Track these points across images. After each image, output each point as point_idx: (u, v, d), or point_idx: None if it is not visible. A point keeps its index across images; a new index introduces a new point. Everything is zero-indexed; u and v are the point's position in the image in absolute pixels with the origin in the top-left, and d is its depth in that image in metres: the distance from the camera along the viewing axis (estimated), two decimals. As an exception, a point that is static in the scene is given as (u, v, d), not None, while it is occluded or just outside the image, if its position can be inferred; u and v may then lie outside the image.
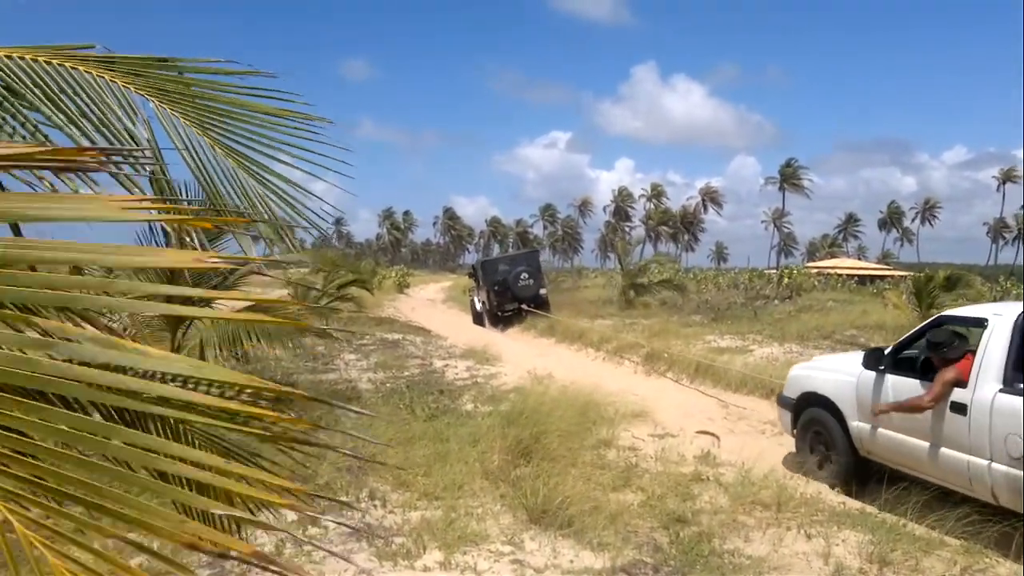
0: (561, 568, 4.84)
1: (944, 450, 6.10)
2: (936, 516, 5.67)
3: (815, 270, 47.52)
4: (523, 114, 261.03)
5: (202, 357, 7.93)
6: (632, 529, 5.51)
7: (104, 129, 1.86)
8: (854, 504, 6.38)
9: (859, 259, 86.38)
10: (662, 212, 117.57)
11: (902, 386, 6.57)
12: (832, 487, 6.89)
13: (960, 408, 5.95)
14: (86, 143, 1.81)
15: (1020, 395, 5.56)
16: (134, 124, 1.90)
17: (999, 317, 6.11)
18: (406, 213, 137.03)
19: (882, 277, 53.05)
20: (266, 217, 2.05)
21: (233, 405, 2.54)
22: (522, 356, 15.13)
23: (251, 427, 2.50)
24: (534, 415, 7.69)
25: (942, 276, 19.17)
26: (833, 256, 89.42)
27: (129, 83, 1.97)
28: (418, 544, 5.06)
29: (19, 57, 1.89)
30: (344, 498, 5.97)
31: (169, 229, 1.92)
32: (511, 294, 23.81)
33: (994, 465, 5.63)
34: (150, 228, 7.72)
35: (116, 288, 1.28)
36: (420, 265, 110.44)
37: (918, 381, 6.42)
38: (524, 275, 23.83)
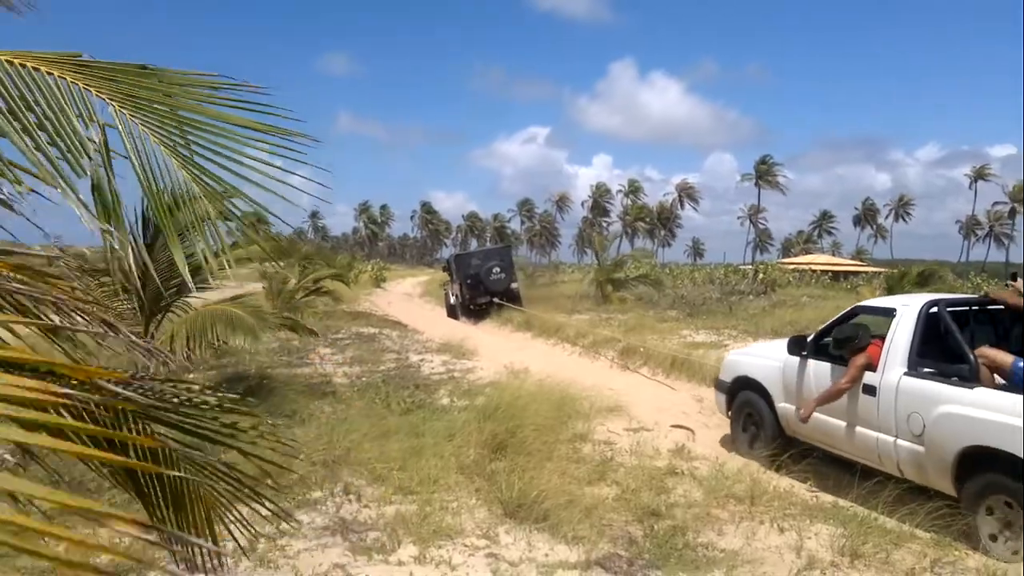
0: (536, 562, 4.85)
1: (857, 428, 6.65)
2: (907, 510, 5.74)
3: (790, 266, 47.89)
4: (502, 110, 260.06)
5: (171, 349, 7.86)
6: (607, 523, 5.53)
7: (59, 140, 1.83)
8: (826, 498, 6.44)
9: (833, 255, 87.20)
10: (639, 208, 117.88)
11: (822, 370, 7.14)
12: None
13: (870, 390, 6.51)
14: (40, 156, 1.78)
15: (922, 378, 6.13)
16: (88, 127, 1.86)
17: (906, 307, 6.67)
18: (383, 207, 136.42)
19: (856, 273, 53.62)
20: (208, 239, 2.03)
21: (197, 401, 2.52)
22: (499, 351, 15.11)
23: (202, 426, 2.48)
24: (510, 409, 7.68)
25: (915, 272, 19.47)
26: (808, 252, 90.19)
27: (92, 86, 1.93)
28: (393, 538, 5.05)
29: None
30: (318, 493, 5.95)
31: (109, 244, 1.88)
32: (483, 288, 24.42)
33: (899, 441, 6.20)
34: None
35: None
36: (397, 259, 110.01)
37: (836, 365, 6.97)
38: (496, 269, 24.48)
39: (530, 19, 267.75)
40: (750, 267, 42.26)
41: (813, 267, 48.81)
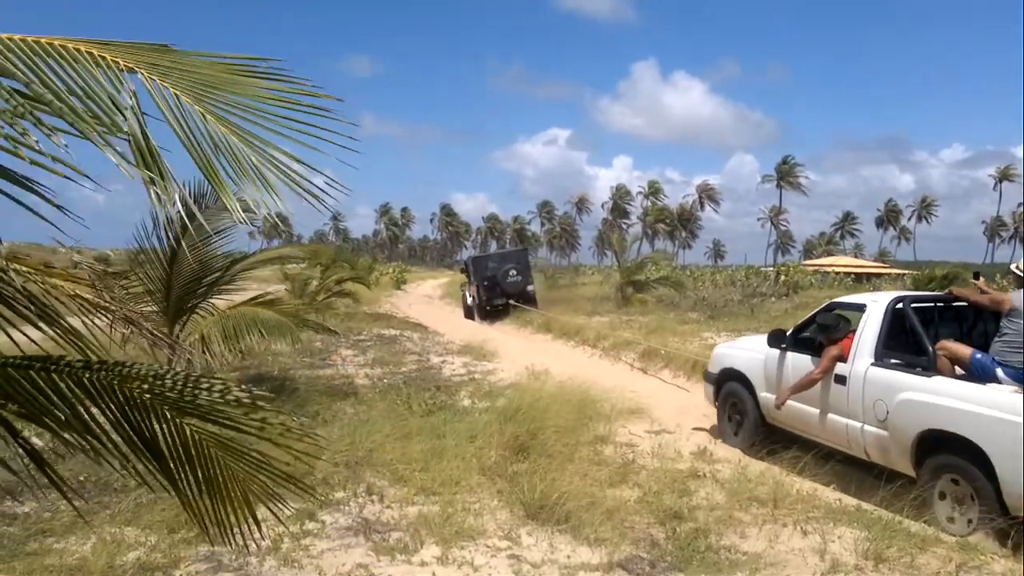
0: (558, 563, 4.86)
1: (829, 415, 7.22)
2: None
3: (812, 268, 47.54)
4: (523, 111, 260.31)
5: (204, 350, 7.94)
6: (629, 525, 5.52)
7: (89, 101, 1.85)
8: (850, 501, 6.40)
9: (856, 257, 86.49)
10: (659, 209, 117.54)
11: (799, 362, 7.70)
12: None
13: (841, 380, 7.06)
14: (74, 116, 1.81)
15: (887, 368, 6.68)
16: (119, 92, 1.89)
17: (875, 303, 7.21)
18: (404, 209, 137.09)
19: (879, 275, 53.16)
20: (260, 188, 2.00)
21: (230, 407, 2.56)
22: (519, 352, 15.13)
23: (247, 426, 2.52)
24: (531, 411, 7.69)
25: (939, 274, 19.24)
26: (830, 254, 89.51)
27: (119, 58, 1.96)
28: (415, 539, 5.08)
29: (7, 39, 1.90)
30: (341, 493, 5.99)
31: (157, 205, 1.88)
32: (500, 290, 24.90)
33: (866, 427, 6.75)
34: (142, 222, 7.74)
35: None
36: (417, 261, 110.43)
37: (812, 357, 7.52)
38: (513, 272, 24.98)
39: (553, 19, 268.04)
40: (772, 269, 41.98)
41: (835, 269, 48.46)
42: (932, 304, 7.50)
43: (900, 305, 7.01)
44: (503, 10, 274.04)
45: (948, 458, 5.94)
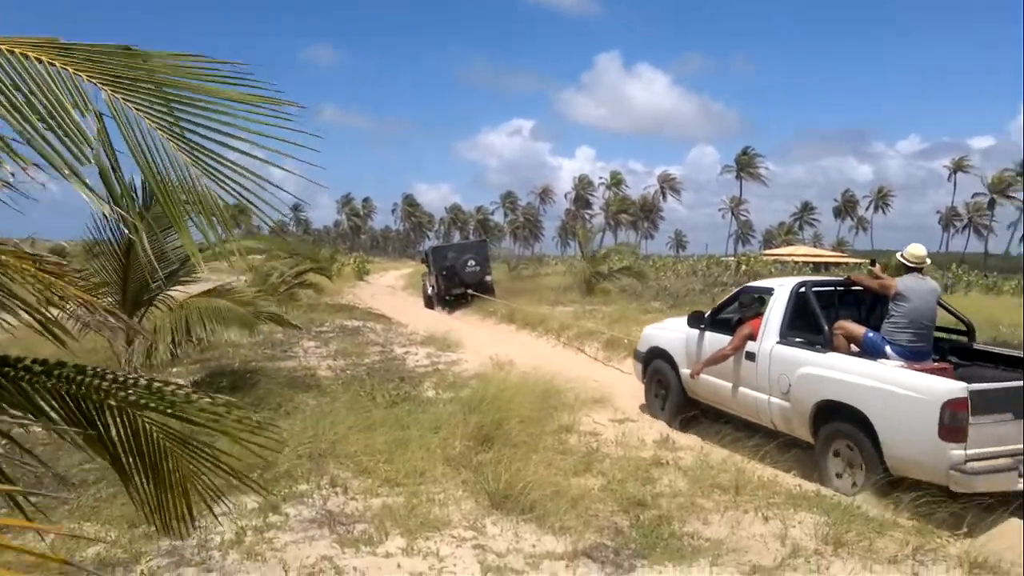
0: (523, 552, 4.87)
1: (741, 389, 7.95)
2: (890, 498, 5.86)
3: (771, 257, 48.20)
4: (488, 102, 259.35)
5: (158, 343, 7.81)
6: (593, 513, 5.55)
7: (51, 121, 1.81)
8: (810, 487, 6.50)
9: (815, 246, 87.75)
10: (621, 200, 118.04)
11: (716, 340, 8.37)
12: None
13: (751, 356, 7.78)
14: (43, 145, 1.76)
15: (790, 346, 7.40)
16: (84, 115, 1.84)
17: (781, 287, 7.95)
18: (365, 200, 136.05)
19: (837, 264, 54.01)
20: (214, 210, 2.00)
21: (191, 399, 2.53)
22: (483, 343, 15.12)
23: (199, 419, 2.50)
24: (495, 401, 7.69)
25: (895, 264, 19.51)
26: (789, 244, 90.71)
27: (82, 71, 1.90)
28: (380, 530, 5.06)
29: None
30: (304, 486, 5.94)
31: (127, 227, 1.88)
32: (459, 279, 25.47)
33: (772, 399, 7.47)
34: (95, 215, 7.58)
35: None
36: (380, 252, 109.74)
37: (727, 336, 8.18)
38: (471, 262, 25.56)
39: (519, 10, 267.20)
40: (732, 259, 42.45)
41: (795, 258, 49.12)
42: (833, 289, 8.20)
43: (803, 289, 7.71)
44: (469, 0, 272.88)
45: (840, 425, 6.66)
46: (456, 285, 25.58)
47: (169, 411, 2.50)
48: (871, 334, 7.28)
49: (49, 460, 3.75)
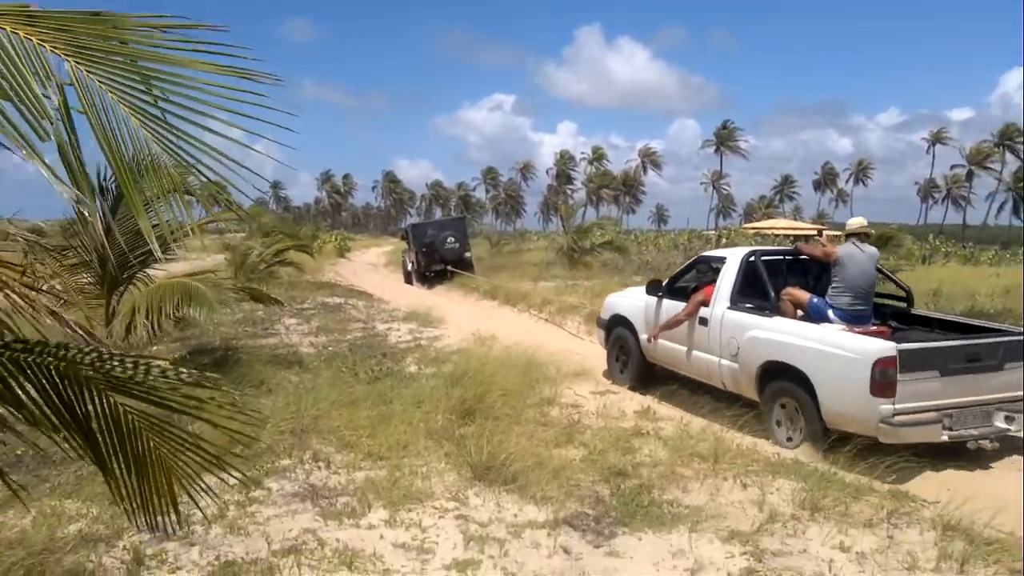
0: (505, 522, 4.92)
1: (695, 352, 8.44)
2: (866, 464, 5.96)
3: (752, 231, 48.35)
4: (469, 77, 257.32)
5: (133, 323, 7.77)
6: (574, 483, 5.61)
7: (17, 101, 1.76)
8: (788, 454, 6.60)
9: (795, 219, 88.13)
10: (603, 175, 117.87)
11: (672, 307, 8.84)
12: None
13: (704, 321, 8.24)
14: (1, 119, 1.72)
15: (740, 311, 7.85)
16: (47, 88, 1.80)
17: (732, 256, 8.42)
18: (345, 176, 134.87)
19: (817, 236, 54.21)
20: (178, 189, 1.97)
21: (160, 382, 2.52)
22: (465, 318, 15.15)
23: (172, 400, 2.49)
24: (477, 376, 7.73)
25: (874, 235, 19.67)
26: (770, 217, 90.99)
27: (47, 41, 1.86)
28: (363, 503, 5.09)
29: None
30: (287, 461, 5.96)
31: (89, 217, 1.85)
32: (438, 256, 25.73)
33: (722, 361, 7.95)
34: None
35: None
36: (361, 229, 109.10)
37: (683, 303, 8.62)
38: (451, 239, 25.84)
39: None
40: (713, 232, 42.60)
41: (775, 231, 49.29)
42: (782, 258, 8.79)
43: (752, 258, 8.18)
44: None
45: (783, 384, 7.16)
46: (436, 262, 25.80)
47: (150, 389, 2.48)
48: (815, 299, 7.75)
49: (30, 437, 3.74)
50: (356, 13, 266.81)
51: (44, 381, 2.36)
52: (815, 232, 55.53)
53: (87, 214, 1.82)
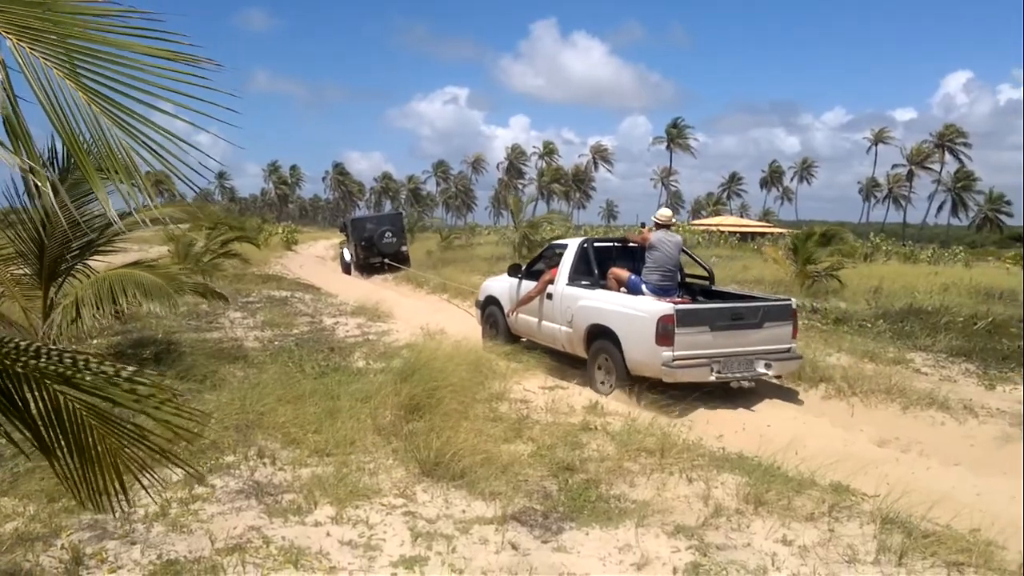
0: (453, 518, 4.91)
1: (544, 322, 10.47)
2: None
3: (700, 227, 49.05)
4: (425, 69, 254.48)
5: (78, 315, 7.55)
6: (523, 478, 5.63)
7: None
8: (732, 449, 6.70)
9: (741, 217, 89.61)
10: (554, 170, 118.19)
11: (529, 287, 10.79)
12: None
13: (550, 296, 10.28)
14: None
15: (574, 287, 9.90)
16: None
17: (572, 243, 10.63)
18: (293, 167, 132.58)
19: (763, 234, 55.32)
20: (130, 169, 1.93)
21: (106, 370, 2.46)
22: (414, 313, 15.05)
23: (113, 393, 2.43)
24: (426, 371, 7.66)
25: (818, 233, 20.06)
26: (717, 214, 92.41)
27: None
28: (309, 500, 5.03)
29: None
30: (231, 457, 5.86)
31: (32, 183, 1.79)
32: (376, 249, 26.89)
33: (562, 327, 9.94)
34: (12, 180, 7.26)
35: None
36: (309, 222, 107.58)
37: (536, 283, 10.63)
38: (388, 233, 26.98)
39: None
40: (661, 228, 42.86)
41: (722, 228, 50.07)
42: (612, 244, 11.06)
43: (586, 245, 10.36)
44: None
45: (602, 343, 9.11)
46: (374, 255, 26.87)
47: (88, 383, 2.42)
48: (633, 277, 9.70)
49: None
50: (314, 5, 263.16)
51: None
52: (764, 230, 56.54)
53: (39, 183, 1.75)
